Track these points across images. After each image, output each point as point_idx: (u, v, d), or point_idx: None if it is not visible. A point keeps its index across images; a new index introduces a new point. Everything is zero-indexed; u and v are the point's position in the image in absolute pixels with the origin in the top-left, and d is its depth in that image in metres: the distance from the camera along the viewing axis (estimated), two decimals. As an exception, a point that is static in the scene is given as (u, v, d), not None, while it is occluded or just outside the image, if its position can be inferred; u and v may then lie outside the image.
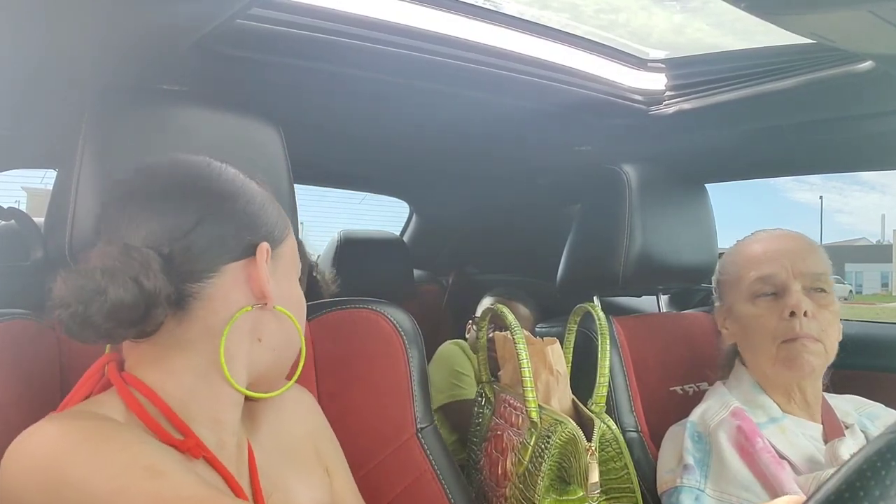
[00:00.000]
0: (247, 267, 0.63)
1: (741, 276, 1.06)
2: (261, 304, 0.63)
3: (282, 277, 0.67)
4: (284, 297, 0.67)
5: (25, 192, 2.85)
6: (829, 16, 0.71)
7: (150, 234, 0.59)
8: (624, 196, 1.26)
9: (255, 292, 0.63)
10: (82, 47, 0.81)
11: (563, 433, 0.99)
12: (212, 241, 0.61)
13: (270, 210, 0.67)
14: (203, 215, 0.61)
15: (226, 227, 0.62)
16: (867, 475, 0.39)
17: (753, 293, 1.04)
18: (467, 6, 1.04)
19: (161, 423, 0.60)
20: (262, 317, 0.65)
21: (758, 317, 1.03)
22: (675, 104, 1.27)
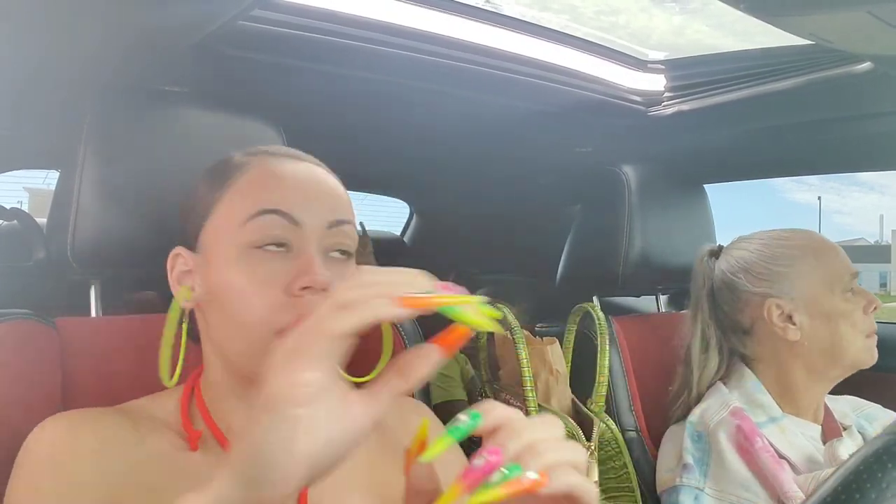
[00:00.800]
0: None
1: (834, 271, 1.04)
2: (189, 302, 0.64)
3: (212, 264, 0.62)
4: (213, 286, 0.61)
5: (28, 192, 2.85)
6: (827, 17, 0.71)
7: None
8: (623, 196, 1.26)
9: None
10: (84, 48, 0.81)
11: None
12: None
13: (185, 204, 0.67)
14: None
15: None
16: (863, 477, 0.39)
17: (846, 288, 1.04)
18: (467, 8, 1.05)
19: (196, 419, 0.63)
20: (202, 312, 0.64)
21: (851, 311, 1.02)
22: (674, 105, 1.27)
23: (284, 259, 0.59)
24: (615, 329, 1.23)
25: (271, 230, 0.59)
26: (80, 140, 0.76)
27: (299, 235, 0.59)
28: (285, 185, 0.61)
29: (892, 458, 0.40)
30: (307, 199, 0.61)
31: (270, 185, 0.61)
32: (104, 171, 0.77)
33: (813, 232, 1.10)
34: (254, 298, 0.57)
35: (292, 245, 0.59)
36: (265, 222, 0.59)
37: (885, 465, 0.39)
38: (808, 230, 1.10)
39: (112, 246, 0.77)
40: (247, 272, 0.58)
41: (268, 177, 0.62)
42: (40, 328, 0.73)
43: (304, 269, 0.57)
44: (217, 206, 0.62)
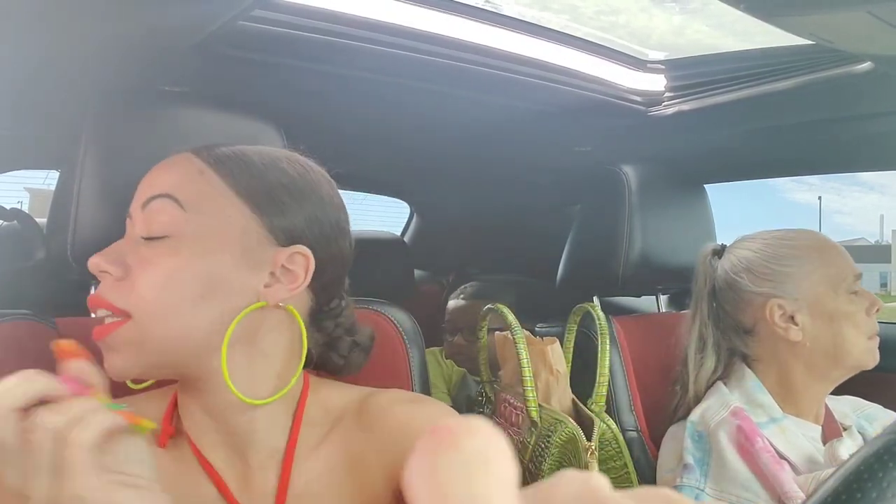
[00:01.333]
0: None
1: (838, 272, 1.03)
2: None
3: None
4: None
5: (28, 192, 2.84)
6: (827, 17, 0.71)
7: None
8: (623, 196, 1.26)
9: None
10: (84, 48, 0.81)
11: (563, 432, 0.99)
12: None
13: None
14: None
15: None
16: (864, 477, 0.39)
17: (850, 290, 1.03)
18: (467, 8, 1.05)
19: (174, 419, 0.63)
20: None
21: (853, 313, 1.02)
22: (674, 105, 1.27)
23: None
24: (615, 329, 1.23)
25: (127, 225, 0.62)
26: (81, 140, 0.76)
27: (129, 226, 0.61)
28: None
29: (893, 458, 0.39)
30: (137, 190, 0.62)
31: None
32: (104, 172, 0.77)
33: (816, 232, 1.10)
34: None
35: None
36: (127, 219, 0.62)
37: (886, 464, 0.39)
38: (812, 230, 1.10)
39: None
40: None
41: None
42: (40, 328, 0.73)
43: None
44: None
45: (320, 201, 0.64)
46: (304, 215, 0.62)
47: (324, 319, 0.68)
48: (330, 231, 0.64)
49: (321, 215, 0.64)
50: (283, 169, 0.63)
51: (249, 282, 0.59)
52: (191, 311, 0.57)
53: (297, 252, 0.61)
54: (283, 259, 0.60)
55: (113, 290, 0.57)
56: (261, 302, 0.59)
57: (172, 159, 0.62)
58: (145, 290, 0.56)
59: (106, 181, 0.77)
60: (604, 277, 1.28)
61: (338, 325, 0.69)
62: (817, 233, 1.10)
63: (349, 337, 0.70)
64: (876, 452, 0.40)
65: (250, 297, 0.59)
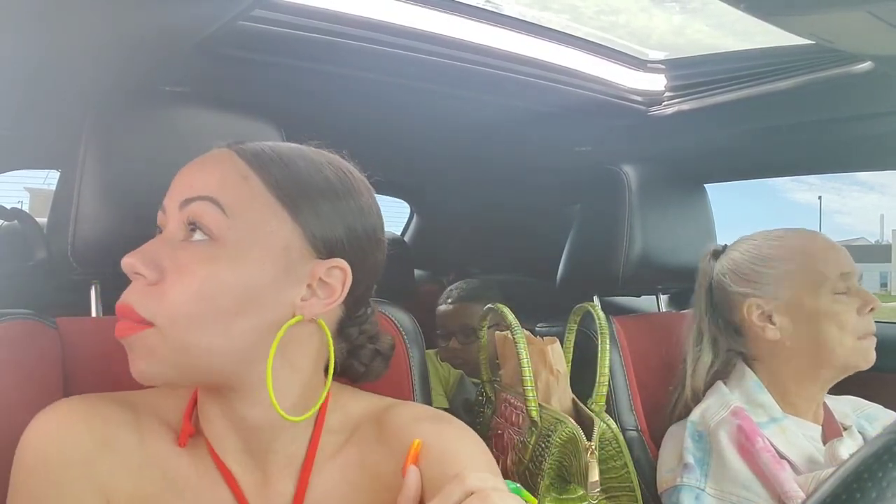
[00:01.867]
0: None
1: (819, 271, 1.03)
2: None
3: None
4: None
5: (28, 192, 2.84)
6: (827, 16, 0.71)
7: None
8: (623, 196, 1.26)
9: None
10: (84, 48, 0.81)
11: (564, 432, 0.99)
12: None
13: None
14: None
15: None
16: (864, 477, 0.39)
17: (835, 289, 1.02)
18: (467, 7, 1.05)
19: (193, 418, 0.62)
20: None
21: (839, 313, 1.01)
22: (674, 105, 1.27)
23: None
24: (616, 329, 1.23)
25: (159, 219, 0.60)
26: (81, 140, 0.76)
27: (165, 222, 0.59)
28: (177, 174, 0.61)
29: (892, 458, 0.39)
30: (174, 184, 0.60)
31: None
32: (104, 171, 0.77)
33: (809, 232, 1.10)
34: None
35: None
36: (160, 213, 0.60)
37: (885, 464, 0.39)
38: (806, 230, 1.10)
39: (112, 246, 0.77)
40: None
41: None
42: (41, 328, 0.73)
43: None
44: None
45: (360, 211, 0.62)
46: (344, 226, 0.60)
47: (349, 327, 0.67)
48: (367, 243, 0.62)
49: (360, 226, 0.62)
50: (327, 177, 0.61)
51: (286, 295, 0.57)
52: (222, 323, 0.55)
53: (336, 266, 0.59)
54: (322, 272, 0.59)
55: (142, 296, 0.54)
56: (298, 317, 0.57)
57: (214, 157, 0.60)
58: (177, 300, 0.54)
59: (106, 181, 0.77)
60: (604, 277, 1.28)
61: (362, 332, 0.68)
62: (810, 232, 1.10)
63: (371, 345, 0.69)
64: (875, 453, 0.40)
65: (286, 310, 0.57)
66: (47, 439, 0.57)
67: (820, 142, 1.29)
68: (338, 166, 0.63)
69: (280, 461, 0.62)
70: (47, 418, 0.58)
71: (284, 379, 0.60)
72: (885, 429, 0.43)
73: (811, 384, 1.04)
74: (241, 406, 0.59)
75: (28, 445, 0.57)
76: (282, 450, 0.62)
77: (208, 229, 0.55)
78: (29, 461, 0.56)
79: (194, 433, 0.61)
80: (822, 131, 1.23)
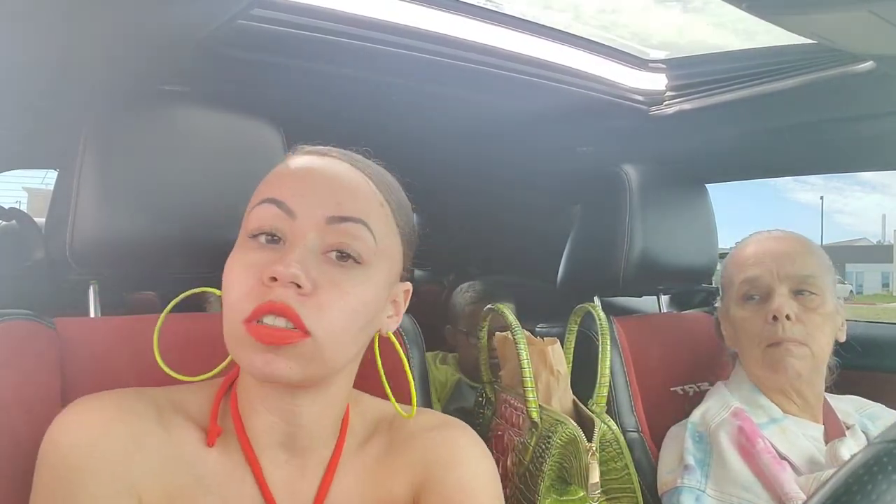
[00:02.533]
0: None
1: (732, 279, 1.07)
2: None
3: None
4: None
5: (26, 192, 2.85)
6: (829, 16, 0.70)
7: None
8: (624, 196, 1.26)
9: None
10: (83, 48, 0.81)
11: (564, 433, 0.99)
12: None
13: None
14: None
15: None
16: (853, 490, 0.38)
17: (742, 296, 1.04)
18: (468, 6, 1.04)
19: (225, 416, 0.63)
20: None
21: (745, 320, 1.03)
22: (675, 104, 1.27)
23: (275, 250, 0.57)
24: (616, 329, 1.22)
25: (266, 220, 0.58)
26: (80, 140, 0.76)
27: (294, 228, 0.57)
28: (292, 176, 0.60)
29: (882, 469, 0.39)
30: (308, 191, 0.58)
31: (280, 177, 0.61)
32: (103, 171, 0.76)
33: (752, 237, 1.11)
34: (234, 284, 0.57)
35: (287, 238, 0.58)
36: (262, 212, 0.58)
37: (875, 476, 0.38)
38: (760, 234, 1.11)
39: (111, 246, 0.77)
40: (238, 259, 0.58)
41: (284, 168, 0.62)
42: (39, 328, 0.73)
43: (281, 259, 0.55)
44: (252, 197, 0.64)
45: (414, 233, 0.69)
46: (412, 250, 0.68)
47: None
48: (410, 263, 0.69)
49: (413, 248, 0.69)
50: (408, 203, 0.68)
51: (384, 313, 0.64)
52: (357, 338, 0.60)
53: (406, 289, 0.67)
54: (399, 294, 0.66)
55: (301, 305, 0.55)
56: (388, 332, 0.66)
57: (349, 175, 0.61)
58: (337, 317, 0.56)
59: (105, 181, 0.76)
60: (605, 278, 1.28)
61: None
62: (753, 236, 1.11)
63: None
64: (866, 463, 0.39)
65: (380, 325, 0.64)
66: (74, 439, 0.56)
67: (821, 142, 1.29)
68: (402, 188, 0.69)
69: (313, 458, 0.64)
70: (79, 416, 0.57)
71: (349, 381, 0.66)
72: (875, 437, 0.42)
73: (775, 387, 1.03)
74: (305, 402, 0.61)
75: (53, 443, 0.56)
76: (318, 448, 0.64)
77: (359, 253, 0.58)
78: (61, 461, 0.55)
79: (221, 432, 0.62)
80: (823, 131, 1.23)
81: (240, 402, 0.63)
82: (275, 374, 0.56)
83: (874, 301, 27.32)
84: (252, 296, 0.55)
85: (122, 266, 0.80)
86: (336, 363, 0.59)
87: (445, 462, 0.66)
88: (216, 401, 0.63)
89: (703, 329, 1.29)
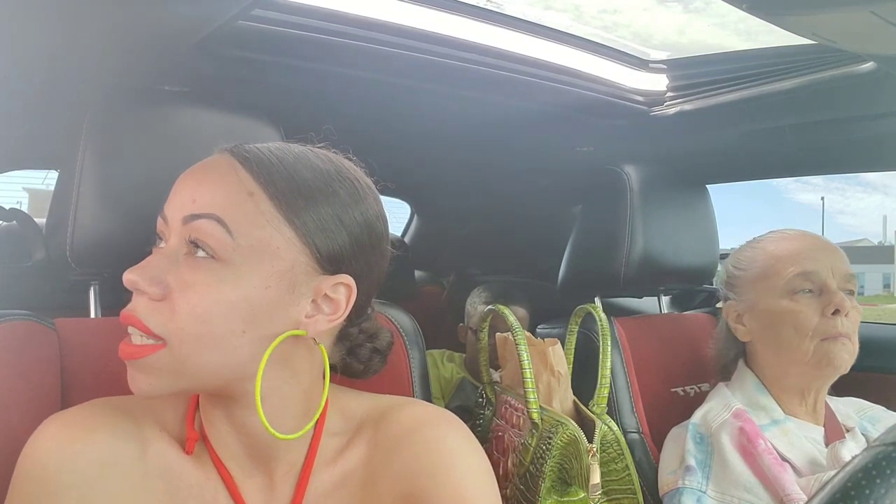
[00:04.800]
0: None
1: (777, 272, 1.03)
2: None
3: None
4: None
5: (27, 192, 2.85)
6: (830, 16, 0.70)
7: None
8: (625, 197, 1.25)
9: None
10: (83, 48, 0.81)
11: (565, 434, 0.99)
12: None
13: None
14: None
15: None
16: (851, 494, 0.38)
17: (792, 289, 1.02)
18: (469, 7, 1.04)
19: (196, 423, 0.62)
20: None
21: (797, 313, 1.00)
22: (676, 105, 1.27)
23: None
24: (617, 330, 1.22)
25: (159, 227, 0.58)
26: (80, 140, 0.76)
27: (167, 232, 0.57)
28: (181, 179, 0.59)
29: (881, 472, 0.38)
30: (174, 193, 0.58)
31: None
32: (103, 172, 0.76)
33: (791, 233, 1.10)
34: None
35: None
36: (160, 219, 0.58)
37: (873, 480, 0.38)
38: (790, 230, 1.11)
39: (111, 246, 0.77)
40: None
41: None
42: (39, 329, 0.73)
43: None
44: None
45: (366, 223, 0.60)
46: (350, 241, 0.59)
47: (349, 328, 0.66)
48: (372, 255, 0.61)
49: (366, 238, 0.60)
50: (335, 189, 0.59)
51: (291, 313, 0.57)
52: (231, 341, 0.54)
53: (341, 282, 0.59)
54: (327, 288, 0.58)
55: (150, 312, 0.54)
56: (299, 331, 0.57)
57: (218, 167, 0.57)
58: (186, 320, 0.53)
59: (105, 181, 0.76)
60: (605, 278, 1.28)
61: (361, 331, 0.68)
62: (790, 233, 1.10)
63: (370, 343, 0.68)
64: (864, 467, 0.39)
65: (290, 327, 0.57)
66: (46, 459, 0.55)
67: (822, 142, 1.28)
68: (345, 175, 0.61)
69: (282, 466, 0.62)
70: (47, 434, 0.57)
71: (289, 390, 0.60)
72: (873, 441, 0.42)
73: (790, 386, 1.03)
74: (243, 414, 0.59)
75: (27, 462, 0.56)
76: (283, 456, 0.62)
77: (212, 250, 0.54)
78: (27, 479, 0.55)
79: (199, 438, 0.61)
80: (824, 131, 1.23)
81: (202, 412, 0.62)
82: (140, 391, 0.55)
83: (875, 302, 27.25)
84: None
85: (123, 267, 0.79)
86: (205, 370, 0.55)
87: (434, 471, 0.61)
88: (191, 407, 0.63)
89: (704, 330, 1.29)
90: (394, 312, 0.92)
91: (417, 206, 2.42)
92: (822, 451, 0.98)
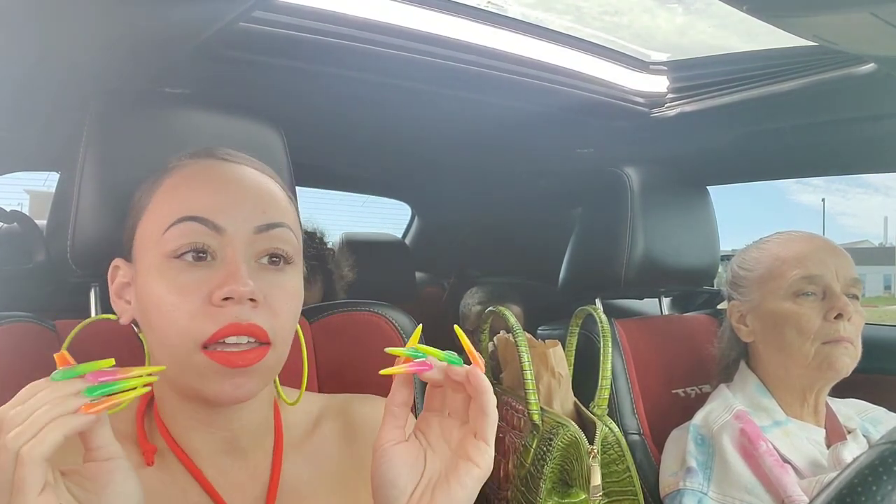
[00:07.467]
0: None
1: (781, 273, 1.04)
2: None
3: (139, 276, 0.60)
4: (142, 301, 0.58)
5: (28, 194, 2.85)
6: (830, 18, 0.70)
7: None
8: (626, 198, 1.25)
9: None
10: (85, 50, 0.81)
11: (565, 436, 0.99)
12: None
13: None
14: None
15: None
16: (858, 490, 0.38)
17: (796, 291, 1.02)
18: (470, 9, 1.04)
19: (154, 433, 0.62)
20: (142, 326, 0.61)
21: (799, 315, 1.00)
22: (676, 106, 1.27)
23: (208, 268, 0.56)
24: (618, 331, 1.22)
25: (191, 238, 0.56)
26: (81, 142, 0.76)
27: (222, 242, 0.56)
28: (208, 188, 0.58)
29: (887, 469, 0.38)
30: (230, 203, 0.57)
31: (193, 190, 0.58)
32: (104, 173, 0.76)
33: (798, 235, 1.10)
34: (174, 310, 0.54)
35: (216, 253, 0.56)
36: (185, 230, 0.56)
37: (880, 476, 0.38)
38: (797, 232, 1.11)
39: (112, 248, 0.77)
40: (167, 282, 0.55)
41: (191, 180, 0.59)
42: (40, 330, 0.73)
43: (227, 277, 0.54)
44: (145, 214, 0.60)
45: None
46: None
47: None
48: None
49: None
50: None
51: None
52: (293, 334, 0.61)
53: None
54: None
55: (263, 318, 0.55)
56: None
57: (255, 177, 0.61)
58: (287, 318, 0.58)
59: (106, 183, 0.76)
60: (606, 279, 1.28)
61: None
62: (796, 235, 1.10)
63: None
64: (871, 464, 0.39)
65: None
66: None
67: (823, 143, 1.29)
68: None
69: (257, 455, 0.64)
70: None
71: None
72: (879, 439, 0.42)
73: (792, 387, 1.03)
74: (241, 406, 0.61)
75: None
76: (260, 445, 0.64)
77: (289, 255, 0.59)
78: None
79: (156, 450, 0.60)
80: (825, 133, 1.23)
81: (165, 420, 0.62)
82: (248, 394, 0.56)
83: (876, 304, 27.20)
84: (205, 318, 0.54)
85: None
86: (282, 363, 0.60)
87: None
88: (139, 421, 0.62)
89: (705, 331, 1.29)
90: (395, 314, 0.92)
91: (418, 207, 2.42)
92: (823, 452, 0.98)
